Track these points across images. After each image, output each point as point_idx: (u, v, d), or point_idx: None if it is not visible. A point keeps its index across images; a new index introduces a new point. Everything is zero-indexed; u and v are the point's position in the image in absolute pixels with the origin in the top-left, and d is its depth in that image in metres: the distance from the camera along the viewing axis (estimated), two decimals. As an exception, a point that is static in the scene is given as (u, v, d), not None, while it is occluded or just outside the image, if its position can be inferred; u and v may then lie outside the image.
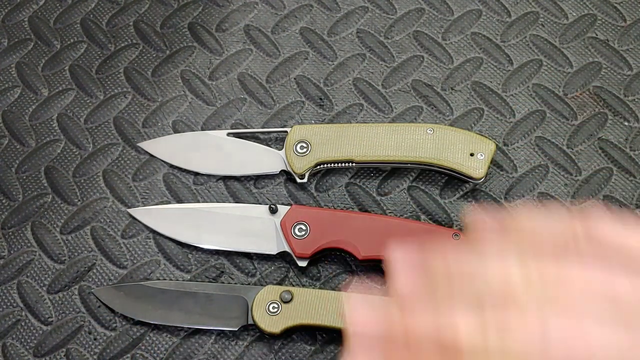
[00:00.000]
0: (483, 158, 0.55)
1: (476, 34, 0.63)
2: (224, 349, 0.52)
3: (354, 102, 0.60)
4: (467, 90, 0.60)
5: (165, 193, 0.58)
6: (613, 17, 0.62)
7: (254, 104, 0.61)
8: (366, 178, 0.58)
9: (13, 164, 0.60)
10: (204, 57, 0.63)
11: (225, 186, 0.58)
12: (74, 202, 0.58)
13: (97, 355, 0.52)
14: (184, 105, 0.61)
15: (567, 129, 0.58)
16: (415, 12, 0.64)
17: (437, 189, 0.57)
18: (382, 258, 0.53)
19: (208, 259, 0.55)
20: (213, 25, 0.65)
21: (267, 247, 0.54)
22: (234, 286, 0.53)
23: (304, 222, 0.54)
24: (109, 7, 0.66)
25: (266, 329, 0.51)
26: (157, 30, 0.65)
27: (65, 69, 0.63)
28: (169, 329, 0.53)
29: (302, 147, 0.56)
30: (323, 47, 0.63)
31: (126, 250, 0.56)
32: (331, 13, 0.65)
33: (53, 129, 0.61)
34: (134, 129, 0.60)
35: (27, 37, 0.65)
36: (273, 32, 0.64)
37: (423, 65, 0.62)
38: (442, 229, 0.53)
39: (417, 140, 0.55)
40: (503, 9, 0.64)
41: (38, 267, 0.56)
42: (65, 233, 0.57)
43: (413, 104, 0.60)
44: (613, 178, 0.56)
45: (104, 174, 0.59)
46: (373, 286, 0.48)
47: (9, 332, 0.53)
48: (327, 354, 0.52)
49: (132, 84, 0.62)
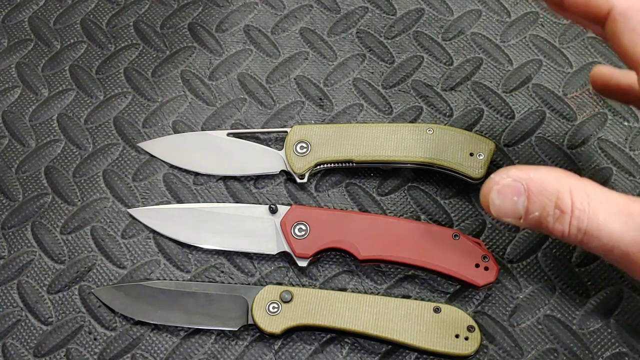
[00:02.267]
0: (483, 158, 0.55)
1: (476, 34, 0.63)
2: (224, 349, 0.52)
3: (353, 102, 0.61)
4: (467, 90, 0.60)
5: (165, 193, 0.58)
6: (613, 17, 0.63)
7: (254, 104, 0.61)
8: (366, 178, 0.58)
9: (13, 164, 0.60)
10: (204, 57, 0.63)
11: (225, 186, 0.58)
12: (74, 202, 0.58)
13: (97, 355, 0.52)
14: (184, 105, 0.61)
15: (567, 129, 0.58)
16: (415, 12, 0.64)
17: (437, 189, 0.57)
18: (382, 258, 0.53)
19: (208, 259, 0.55)
20: (213, 26, 0.65)
21: (267, 247, 0.54)
22: (234, 286, 0.53)
23: (304, 222, 0.54)
24: (109, 8, 0.66)
25: (266, 329, 0.51)
26: (157, 30, 0.65)
27: (65, 69, 0.63)
28: (169, 329, 0.53)
29: (302, 147, 0.56)
30: (323, 47, 0.63)
31: (126, 250, 0.56)
32: (331, 13, 0.65)
33: (53, 129, 0.61)
34: (134, 129, 0.60)
35: (27, 38, 0.65)
36: (273, 33, 0.64)
37: (423, 65, 0.62)
38: (442, 229, 0.53)
39: (416, 140, 0.55)
40: (503, 9, 0.64)
41: (38, 267, 0.56)
42: (65, 233, 0.57)
43: (413, 104, 0.60)
44: (613, 178, 0.56)
45: (104, 174, 0.59)
46: None
47: (9, 332, 0.53)
48: (327, 354, 0.52)
49: (132, 84, 0.62)
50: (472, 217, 0.55)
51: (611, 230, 0.37)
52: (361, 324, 0.50)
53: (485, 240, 0.55)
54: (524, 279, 0.53)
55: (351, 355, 0.52)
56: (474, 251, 0.52)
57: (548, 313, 0.52)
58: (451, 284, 0.53)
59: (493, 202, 0.39)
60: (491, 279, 0.51)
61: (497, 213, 0.39)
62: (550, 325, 0.52)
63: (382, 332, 0.50)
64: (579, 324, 0.52)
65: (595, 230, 0.37)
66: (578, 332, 0.51)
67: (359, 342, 0.52)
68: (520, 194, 0.38)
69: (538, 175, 0.38)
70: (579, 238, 0.37)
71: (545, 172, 0.39)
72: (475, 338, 0.49)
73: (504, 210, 0.39)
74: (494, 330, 0.52)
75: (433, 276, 0.53)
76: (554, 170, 0.39)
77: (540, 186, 0.38)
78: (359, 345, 0.52)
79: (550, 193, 0.38)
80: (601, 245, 0.37)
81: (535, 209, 0.38)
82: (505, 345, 0.51)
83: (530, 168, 0.39)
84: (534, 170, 0.39)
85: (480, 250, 0.52)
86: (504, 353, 0.51)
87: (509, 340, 0.51)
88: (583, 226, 0.37)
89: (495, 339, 0.51)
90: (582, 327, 0.52)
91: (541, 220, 0.38)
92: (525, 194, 0.38)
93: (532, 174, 0.38)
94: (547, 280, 0.53)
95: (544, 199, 0.38)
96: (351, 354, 0.52)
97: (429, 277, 0.54)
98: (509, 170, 0.39)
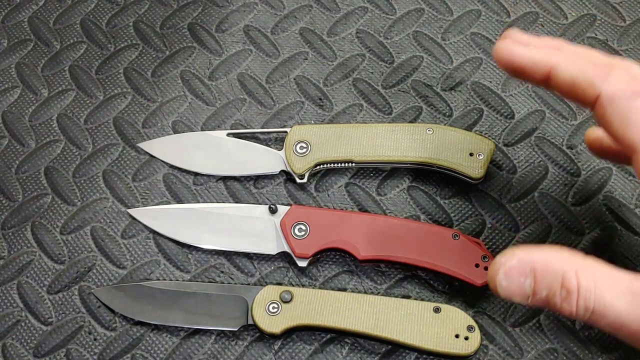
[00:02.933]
0: (482, 158, 0.55)
1: (476, 34, 0.63)
2: (224, 349, 0.52)
3: (353, 102, 0.61)
4: (467, 90, 0.60)
5: (165, 193, 0.58)
6: (612, 17, 0.63)
7: (254, 104, 0.61)
8: (366, 178, 0.58)
9: (13, 164, 0.60)
10: (204, 57, 0.63)
11: (225, 186, 0.58)
12: (74, 203, 0.58)
13: (97, 355, 0.52)
14: (184, 105, 0.61)
15: (567, 129, 0.58)
16: (414, 12, 0.64)
17: (436, 189, 0.57)
18: (382, 258, 0.53)
19: (208, 259, 0.55)
20: (213, 26, 0.65)
21: (267, 247, 0.54)
22: (234, 286, 0.53)
23: (304, 222, 0.54)
24: (109, 8, 0.66)
25: (266, 329, 0.51)
26: (156, 30, 0.65)
27: (65, 70, 0.63)
28: (169, 329, 0.53)
29: (301, 148, 0.56)
30: (323, 47, 0.63)
31: (126, 250, 0.56)
32: (331, 13, 0.65)
33: (53, 129, 0.61)
34: (133, 129, 0.60)
35: (27, 38, 0.65)
36: (273, 33, 0.64)
37: (423, 65, 0.62)
38: (442, 229, 0.53)
39: (416, 140, 0.55)
40: (503, 9, 0.64)
41: (38, 268, 0.56)
42: (65, 233, 0.57)
43: (412, 104, 0.60)
44: (613, 178, 0.56)
45: (104, 174, 0.59)
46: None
47: (9, 333, 0.53)
48: (327, 354, 0.52)
49: (131, 85, 0.62)
50: (472, 217, 0.55)
51: (618, 310, 0.37)
52: (361, 324, 0.50)
53: (485, 240, 0.55)
54: (524, 279, 0.53)
55: (351, 355, 0.52)
56: (474, 251, 0.52)
57: (548, 313, 0.52)
58: (451, 284, 0.53)
59: (500, 283, 0.40)
60: (491, 279, 0.51)
61: (505, 294, 0.40)
62: (550, 325, 0.52)
63: (382, 332, 0.50)
64: (579, 324, 0.52)
65: (602, 309, 0.38)
66: (578, 332, 0.51)
67: (359, 342, 0.52)
68: (527, 275, 0.39)
69: (544, 255, 0.39)
70: (587, 317, 0.38)
71: (550, 252, 0.39)
72: (475, 338, 0.49)
73: (512, 291, 0.40)
74: (494, 330, 0.52)
75: (433, 276, 0.53)
76: (559, 249, 0.39)
77: (546, 267, 0.39)
78: (359, 345, 0.52)
79: (557, 273, 0.38)
80: (609, 323, 0.38)
81: (543, 290, 0.39)
82: (505, 345, 0.51)
83: (536, 248, 0.40)
84: (540, 250, 0.39)
85: (480, 250, 0.52)
86: (504, 353, 0.51)
87: (509, 340, 0.51)
88: (590, 305, 0.38)
89: (495, 339, 0.51)
90: (582, 327, 0.52)
91: (549, 300, 0.39)
92: (531, 275, 0.39)
93: (538, 254, 0.39)
94: (547, 280, 0.53)
95: (551, 279, 0.38)
96: (351, 354, 0.52)
97: (429, 277, 0.54)
98: (515, 251, 0.40)
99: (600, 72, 0.40)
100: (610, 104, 0.39)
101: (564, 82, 0.41)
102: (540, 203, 0.56)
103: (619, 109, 0.39)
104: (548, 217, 0.55)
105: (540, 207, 0.55)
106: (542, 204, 0.55)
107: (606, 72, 0.40)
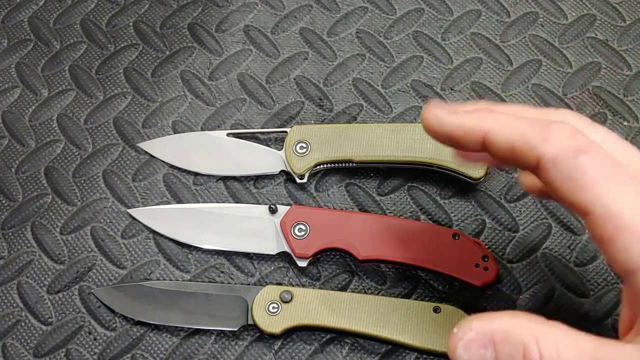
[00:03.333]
0: (483, 158, 0.55)
1: (475, 34, 0.63)
2: (224, 349, 0.52)
3: (353, 102, 0.61)
4: (467, 90, 0.60)
5: (165, 193, 0.58)
6: (612, 17, 0.63)
7: (254, 104, 0.61)
8: (366, 178, 0.58)
9: (13, 164, 0.60)
10: (204, 57, 0.63)
11: (225, 186, 0.58)
12: (74, 203, 0.58)
13: (97, 355, 0.52)
14: (184, 105, 0.61)
15: (567, 129, 0.58)
16: (414, 12, 0.64)
17: (436, 189, 0.57)
18: (382, 258, 0.53)
19: (208, 259, 0.55)
20: (213, 26, 0.65)
21: (267, 247, 0.54)
22: (234, 286, 0.53)
23: (304, 222, 0.54)
24: (109, 8, 0.66)
25: (266, 329, 0.51)
26: (157, 30, 0.65)
27: (65, 70, 0.63)
28: (169, 329, 0.53)
29: (301, 148, 0.56)
30: (323, 47, 0.63)
31: (126, 250, 0.56)
32: (331, 13, 0.65)
33: (53, 129, 0.61)
34: (133, 129, 0.60)
35: (27, 38, 0.65)
36: (273, 33, 0.64)
37: (422, 65, 0.62)
38: (442, 229, 0.53)
39: (416, 140, 0.55)
40: (502, 9, 0.64)
41: (38, 268, 0.56)
42: (65, 233, 0.57)
43: (413, 104, 0.60)
44: (612, 178, 0.56)
45: (104, 174, 0.59)
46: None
47: (9, 332, 0.53)
48: (327, 354, 0.52)
49: (131, 85, 0.62)
50: (472, 217, 0.55)
51: None
52: (361, 324, 0.50)
53: (485, 240, 0.55)
54: (524, 279, 0.53)
55: (351, 355, 0.52)
56: (474, 251, 0.52)
57: (548, 313, 0.52)
58: (451, 284, 0.53)
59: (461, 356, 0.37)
60: (491, 279, 0.51)
61: None
62: (550, 325, 0.52)
63: (382, 332, 0.50)
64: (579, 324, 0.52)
65: None
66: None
67: (359, 342, 0.52)
68: (487, 347, 0.37)
69: (502, 325, 0.37)
70: None
71: (509, 321, 0.37)
72: (475, 338, 0.49)
73: None
74: (494, 330, 0.52)
75: (433, 276, 0.53)
76: (517, 316, 0.37)
77: (506, 336, 0.37)
78: (359, 345, 0.52)
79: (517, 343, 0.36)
80: None
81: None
82: (505, 345, 0.51)
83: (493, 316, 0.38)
84: (497, 319, 0.37)
85: (480, 250, 0.52)
86: (504, 353, 0.51)
87: (509, 340, 0.51)
88: None
89: (495, 339, 0.51)
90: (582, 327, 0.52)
91: None
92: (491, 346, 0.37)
93: (496, 324, 0.37)
94: (547, 280, 0.53)
95: (511, 349, 0.37)
96: (351, 354, 0.52)
97: (429, 277, 0.54)
98: (471, 322, 0.38)
99: (539, 131, 0.36)
100: (554, 166, 0.36)
101: (501, 147, 0.37)
102: (540, 203, 0.55)
103: (565, 171, 0.35)
104: (548, 217, 0.55)
105: (541, 207, 0.55)
106: (542, 203, 0.55)
107: (545, 131, 0.36)
